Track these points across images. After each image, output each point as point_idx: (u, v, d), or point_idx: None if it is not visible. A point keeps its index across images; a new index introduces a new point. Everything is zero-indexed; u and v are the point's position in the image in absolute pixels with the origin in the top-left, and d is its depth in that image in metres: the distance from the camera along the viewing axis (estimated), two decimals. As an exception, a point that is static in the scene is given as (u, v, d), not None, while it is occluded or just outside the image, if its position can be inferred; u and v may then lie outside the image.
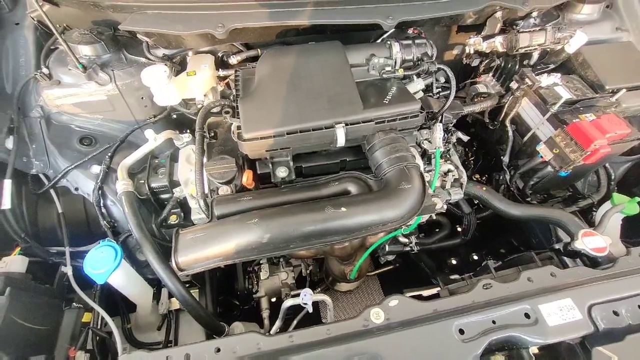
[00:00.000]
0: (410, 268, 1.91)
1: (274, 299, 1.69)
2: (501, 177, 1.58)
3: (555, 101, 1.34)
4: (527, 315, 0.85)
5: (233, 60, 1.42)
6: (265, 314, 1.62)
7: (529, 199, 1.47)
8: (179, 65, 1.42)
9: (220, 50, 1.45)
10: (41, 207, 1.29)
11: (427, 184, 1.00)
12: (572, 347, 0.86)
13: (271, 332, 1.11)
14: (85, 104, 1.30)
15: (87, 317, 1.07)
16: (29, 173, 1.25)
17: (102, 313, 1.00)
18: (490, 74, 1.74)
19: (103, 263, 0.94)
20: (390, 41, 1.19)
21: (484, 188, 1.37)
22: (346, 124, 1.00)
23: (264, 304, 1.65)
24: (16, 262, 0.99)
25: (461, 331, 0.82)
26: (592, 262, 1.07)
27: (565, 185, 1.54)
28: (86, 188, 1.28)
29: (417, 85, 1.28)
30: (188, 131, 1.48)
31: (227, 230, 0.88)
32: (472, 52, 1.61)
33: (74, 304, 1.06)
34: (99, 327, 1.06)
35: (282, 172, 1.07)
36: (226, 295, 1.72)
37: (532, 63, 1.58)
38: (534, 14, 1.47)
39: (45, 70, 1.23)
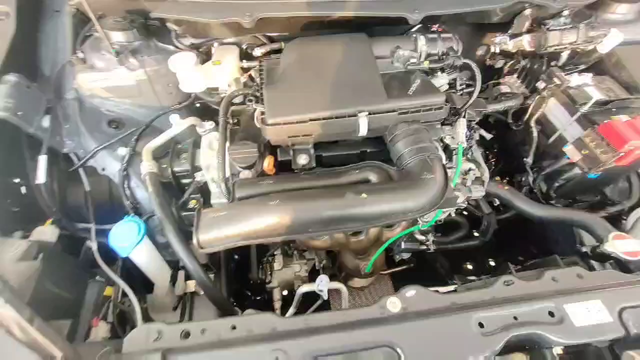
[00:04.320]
0: (424, 269, 1.88)
1: (285, 292, 1.70)
2: (524, 179, 1.53)
3: (585, 101, 1.30)
4: (551, 314, 0.82)
5: (257, 52, 1.45)
6: (278, 304, 1.63)
7: (553, 202, 1.42)
8: (205, 55, 1.46)
9: (245, 42, 1.48)
10: (70, 185, 1.35)
11: (449, 176, 0.99)
12: (600, 350, 0.82)
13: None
14: (115, 89, 1.35)
15: (108, 291, 1.10)
16: (61, 152, 1.30)
17: (124, 285, 1.03)
18: (515, 76, 1.70)
19: (127, 237, 0.97)
20: (416, 34, 1.18)
21: (506, 187, 1.34)
22: (369, 113, 1.00)
23: (277, 294, 1.66)
24: (48, 232, 1.03)
25: (481, 325, 0.80)
26: (621, 266, 1.02)
27: (593, 190, 1.48)
28: (112, 169, 1.32)
29: (440, 81, 1.27)
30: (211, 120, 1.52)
31: (248, 211, 0.89)
32: (497, 51, 1.58)
33: (97, 277, 1.10)
34: (119, 301, 1.09)
35: (302, 159, 1.08)
36: (239, 286, 1.74)
37: (560, 64, 1.53)
38: (565, 12, 1.43)
39: (80, 54, 1.29)
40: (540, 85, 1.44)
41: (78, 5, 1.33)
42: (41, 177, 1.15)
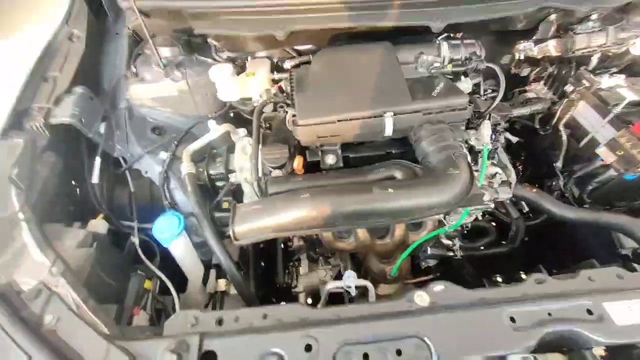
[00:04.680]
0: (451, 279, 1.83)
1: (310, 300, 1.71)
2: (554, 184, 1.49)
3: (617, 102, 1.28)
4: (589, 312, 0.79)
5: (287, 64, 1.56)
6: (302, 308, 1.64)
7: (586, 207, 1.37)
8: (240, 68, 1.58)
9: (276, 56, 1.60)
10: (117, 186, 1.48)
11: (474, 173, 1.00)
12: (645, 353, 0.78)
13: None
14: (160, 99, 1.49)
15: (147, 284, 1.19)
16: (112, 156, 1.44)
17: (162, 276, 1.11)
18: (542, 82, 1.69)
19: (169, 228, 1.05)
20: (439, 41, 1.23)
21: (534, 190, 1.31)
22: (394, 114, 1.05)
23: (302, 299, 1.68)
24: (100, 225, 1.15)
25: (512, 319, 0.79)
26: (665, 270, 0.96)
27: (632, 193, 1.41)
28: (154, 172, 1.44)
29: (464, 85, 1.30)
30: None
31: (280, 204, 0.95)
32: (521, 58, 1.59)
33: (139, 271, 1.19)
34: (157, 292, 1.16)
35: (330, 159, 1.14)
36: (266, 291, 1.77)
37: (590, 68, 1.52)
38: (594, 16, 1.43)
39: (133, 69, 1.45)
40: (569, 88, 1.43)
41: (136, 27, 1.51)
42: (96, 177, 1.29)
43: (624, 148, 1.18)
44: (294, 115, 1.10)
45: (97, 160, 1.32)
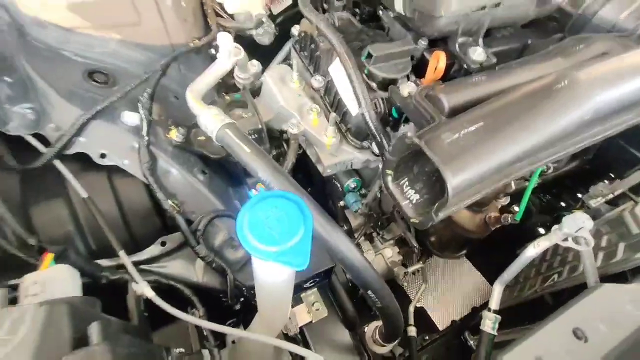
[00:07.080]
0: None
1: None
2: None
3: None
4: None
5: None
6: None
7: None
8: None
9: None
10: (36, 195, 0.70)
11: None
12: None
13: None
14: (91, 7, 0.74)
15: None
16: (7, 133, 0.65)
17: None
18: None
19: (284, 229, 0.41)
20: None
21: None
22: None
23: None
24: (60, 278, 0.42)
25: None
26: None
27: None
28: (121, 149, 0.73)
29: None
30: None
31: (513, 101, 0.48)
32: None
33: (176, 350, 0.52)
34: None
35: (478, 55, 0.70)
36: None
37: None
38: None
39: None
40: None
41: None
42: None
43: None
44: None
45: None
